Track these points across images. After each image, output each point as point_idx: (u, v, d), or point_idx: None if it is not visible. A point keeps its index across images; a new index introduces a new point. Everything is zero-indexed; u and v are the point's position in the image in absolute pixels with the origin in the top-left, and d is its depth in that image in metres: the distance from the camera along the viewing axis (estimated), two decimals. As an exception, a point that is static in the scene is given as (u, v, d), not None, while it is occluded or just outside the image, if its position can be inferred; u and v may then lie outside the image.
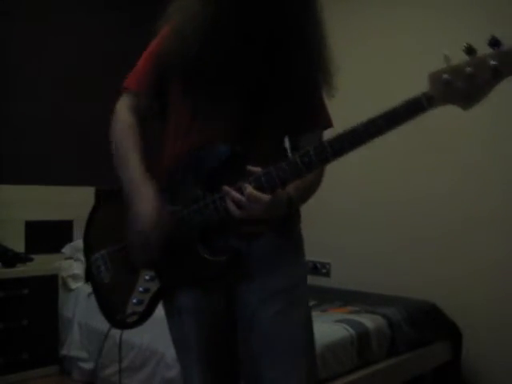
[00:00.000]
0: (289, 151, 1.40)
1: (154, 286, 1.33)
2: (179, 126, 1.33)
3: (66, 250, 3.41)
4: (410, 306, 2.72)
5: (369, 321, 2.44)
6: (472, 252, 2.91)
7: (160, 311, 1.41)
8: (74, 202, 3.57)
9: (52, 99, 3.50)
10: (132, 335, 2.71)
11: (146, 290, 1.34)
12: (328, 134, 1.23)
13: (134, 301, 1.35)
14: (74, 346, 3.09)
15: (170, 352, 2.51)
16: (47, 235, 3.46)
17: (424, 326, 2.67)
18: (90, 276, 1.45)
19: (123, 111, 1.36)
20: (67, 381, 3.05)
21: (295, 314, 1.31)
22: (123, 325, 1.41)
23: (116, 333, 2.85)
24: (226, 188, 1.17)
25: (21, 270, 3.01)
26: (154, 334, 2.63)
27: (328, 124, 1.40)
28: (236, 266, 1.26)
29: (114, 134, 1.35)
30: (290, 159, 1.17)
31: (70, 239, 3.52)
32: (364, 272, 3.29)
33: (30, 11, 3.40)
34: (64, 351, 3.13)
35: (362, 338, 2.31)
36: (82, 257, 3.31)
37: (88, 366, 2.98)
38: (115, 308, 1.41)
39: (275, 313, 1.29)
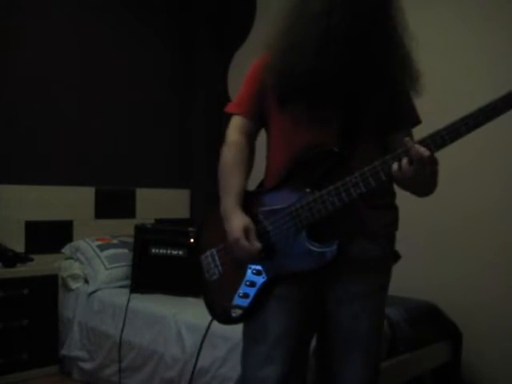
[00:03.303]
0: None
1: (260, 280, 1.40)
2: (282, 134, 1.46)
3: (66, 249, 3.41)
4: (410, 306, 2.72)
5: (369, 321, 2.43)
6: (472, 252, 2.91)
7: (161, 311, 1.42)
8: (73, 202, 3.58)
9: (52, 99, 3.50)
10: (132, 335, 2.73)
11: (252, 284, 1.41)
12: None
13: (241, 294, 1.43)
14: (74, 346, 3.09)
15: (169, 352, 2.52)
16: (47, 235, 3.46)
17: (424, 326, 2.67)
18: (198, 273, 1.54)
19: (233, 133, 1.51)
20: (67, 381, 3.06)
21: (370, 319, 1.42)
22: (227, 319, 1.47)
23: (116, 333, 2.88)
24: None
25: (21, 270, 3.01)
26: (154, 334, 2.63)
27: (418, 121, 1.49)
28: (336, 260, 1.34)
29: (224, 157, 1.50)
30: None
31: (70, 239, 3.52)
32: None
33: (31, 9, 3.41)
34: (64, 351, 3.13)
35: (362, 337, 2.31)
36: (82, 257, 3.32)
37: (88, 365, 2.98)
38: (221, 302, 1.48)
39: (351, 316, 1.40)
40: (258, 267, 1.41)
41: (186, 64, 4.28)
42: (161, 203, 4.04)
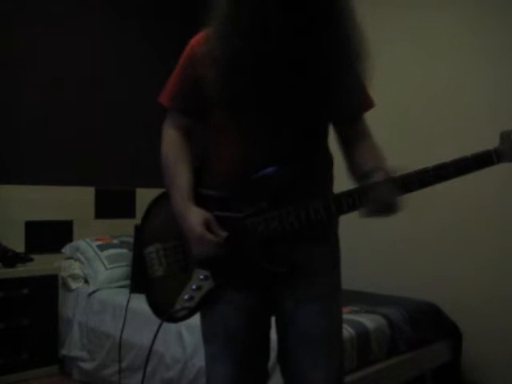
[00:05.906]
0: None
1: (206, 285, 1.38)
2: (225, 136, 1.36)
3: (66, 250, 3.41)
4: (410, 306, 2.72)
5: (369, 321, 2.43)
6: (472, 252, 2.91)
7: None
8: (73, 202, 3.58)
9: (52, 99, 3.51)
10: (132, 335, 2.73)
11: (199, 288, 1.38)
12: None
13: (186, 297, 1.39)
14: (74, 346, 3.09)
15: (169, 352, 2.51)
16: (47, 235, 3.46)
17: (424, 326, 2.66)
18: (141, 267, 1.49)
19: (168, 128, 1.46)
20: (67, 381, 3.06)
21: (328, 320, 1.40)
22: (171, 319, 1.46)
23: (116, 333, 2.87)
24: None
25: (21, 270, 3.02)
26: (154, 334, 2.63)
27: (367, 106, 1.43)
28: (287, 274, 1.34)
29: (164, 155, 1.46)
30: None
31: (70, 239, 3.53)
32: (364, 272, 3.29)
33: (34, 13, 3.41)
34: (64, 351, 3.14)
35: (362, 338, 2.31)
36: (82, 257, 3.32)
37: (88, 365, 2.98)
38: (165, 301, 1.45)
39: (311, 316, 1.38)
40: (206, 273, 1.37)
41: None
42: (161, 203, 4.03)
